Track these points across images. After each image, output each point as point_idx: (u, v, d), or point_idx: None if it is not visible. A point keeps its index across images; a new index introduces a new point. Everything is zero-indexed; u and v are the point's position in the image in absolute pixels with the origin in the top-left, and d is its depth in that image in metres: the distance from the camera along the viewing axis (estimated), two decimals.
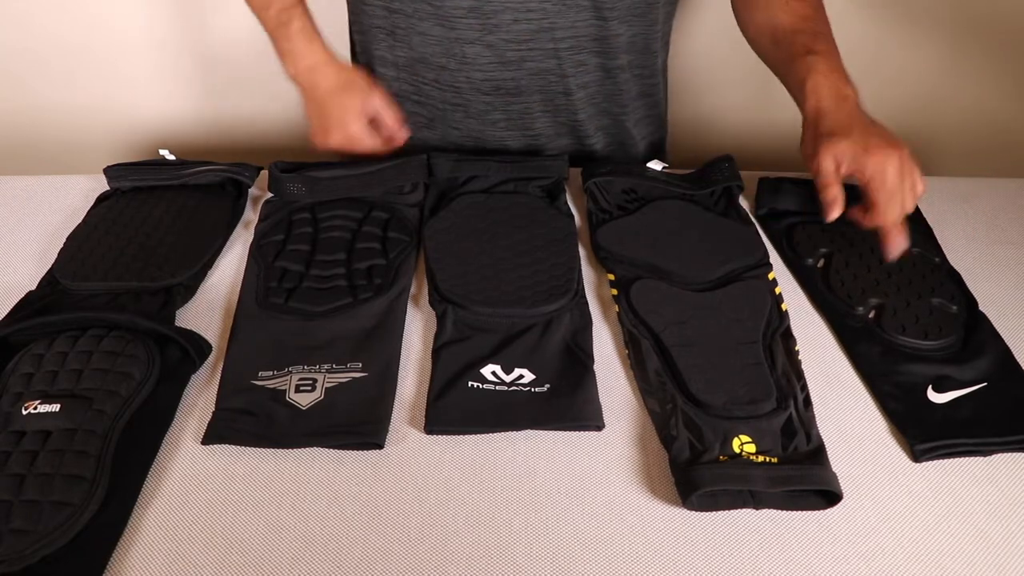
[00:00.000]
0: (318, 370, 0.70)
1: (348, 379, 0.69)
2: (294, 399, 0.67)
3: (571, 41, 0.92)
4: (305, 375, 0.69)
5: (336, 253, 0.82)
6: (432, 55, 0.93)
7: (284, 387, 0.68)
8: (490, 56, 0.92)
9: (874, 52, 1.44)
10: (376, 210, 0.87)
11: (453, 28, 0.90)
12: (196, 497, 0.61)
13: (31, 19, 1.42)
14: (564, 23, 0.90)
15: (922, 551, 0.59)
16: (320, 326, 0.74)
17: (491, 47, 0.91)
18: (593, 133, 1.02)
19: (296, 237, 0.84)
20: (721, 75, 1.46)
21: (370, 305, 0.76)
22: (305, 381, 0.68)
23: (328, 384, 0.68)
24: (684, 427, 0.65)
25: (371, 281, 0.79)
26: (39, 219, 0.92)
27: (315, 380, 0.69)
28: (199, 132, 1.57)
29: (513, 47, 0.91)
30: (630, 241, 0.85)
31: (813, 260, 0.86)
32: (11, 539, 0.54)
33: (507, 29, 0.90)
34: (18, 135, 1.57)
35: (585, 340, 0.74)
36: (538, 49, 0.92)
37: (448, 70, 0.94)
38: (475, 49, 0.91)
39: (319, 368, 0.70)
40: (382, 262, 0.81)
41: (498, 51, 0.92)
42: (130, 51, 1.47)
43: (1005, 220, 0.95)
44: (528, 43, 0.91)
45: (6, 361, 0.68)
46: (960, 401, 0.69)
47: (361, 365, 0.70)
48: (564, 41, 0.91)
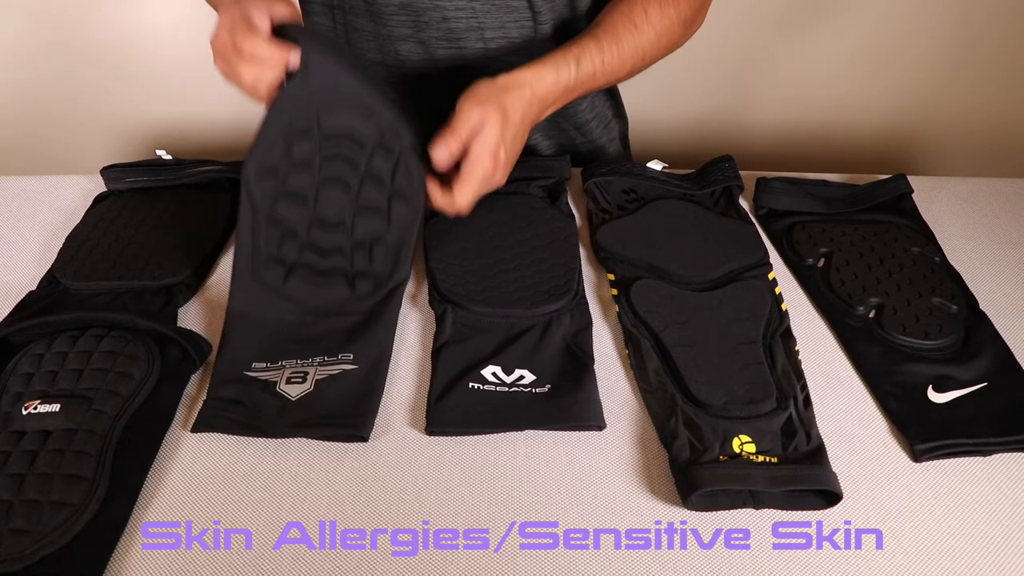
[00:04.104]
0: (310, 363, 0.70)
1: (338, 371, 0.69)
2: (284, 390, 0.68)
3: (501, 41, 0.92)
4: (297, 368, 0.70)
5: (339, 213, 0.76)
6: (368, 51, 0.94)
7: (276, 379, 0.69)
8: (421, 54, 0.93)
9: (875, 52, 1.44)
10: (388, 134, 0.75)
11: (385, 25, 0.91)
12: (196, 497, 0.61)
13: (31, 20, 1.42)
14: (493, 23, 0.91)
15: (922, 551, 0.59)
16: (316, 323, 0.74)
17: (422, 44, 0.92)
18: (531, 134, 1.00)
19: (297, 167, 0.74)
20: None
21: (366, 299, 0.76)
22: (297, 374, 0.69)
23: (319, 376, 0.69)
24: (684, 427, 0.65)
25: (371, 267, 0.76)
26: (39, 219, 0.92)
27: (306, 373, 0.69)
28: (199, 132, 1.57)
29: (444, 45, 0.92)
30: (630, 241, 0.85)
31: (813, 260, 0.86)
32: (11, 539, 0.54)
33: (436, 27, 0.90)
34: (18, 135, 1.58)
35: (585, 340, 0.74)
36: (468, 48, 0.92)
37: (385, 66, 0.95)
38: (407, 46, 0.92)
39: (311, 362, 0.70)
40: (383, 235, 0.77)
41: (429, 49, 0.92)
42: (130, 52, 1.47)
43: (1005, 220, 0.95)
44: (458, 42, 0.91)
45: (6, 361, 0.68)
46: (960, 401, 0.69)
47: (352, 357, 0.70)
48: (493, 41, 0.92)
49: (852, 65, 1.45)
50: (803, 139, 1.57)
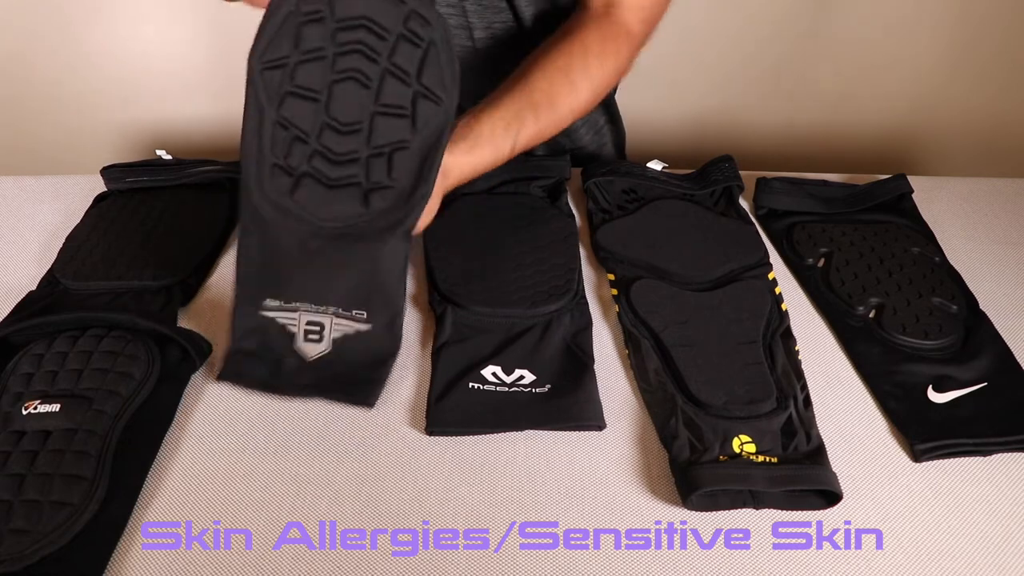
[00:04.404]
0: (325, 312, 0.71)
1: (353, 331, 0.71)
2: (301, 349, 0.70)
3: (488, 41, 0.92)
4: (313, 317, 0.71)
5: (354, 114, 0.65)
6: None
7: (294, 328, 0.70)
8: None
9: (874, 52, 1.44)
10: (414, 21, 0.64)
11: None
12: (196, 497, 0.61)
13: (31, 20, 1.42)
14: (480, 23, 0.91)
15: (922, 551, 0.59)
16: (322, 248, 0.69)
17: None
18: None
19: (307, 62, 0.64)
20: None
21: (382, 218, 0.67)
22: (313, 327, 0.71)
23: (335, 333, 0.70)
24: (684, 427, 0.65)
25: (390, 177, 0.66)
26: (39, 219, 0.92)
27: (322, 326, 0.70)
28: (199, 132, 1.57)
29: None
30: (630, 241, 0.85)
31: (813, 260, 0.86)
32: (11, 539, 0.54)
33: None
34: (18, 135, 1.58)
35: (585, 340, 0.74)
36: (458, 46, 0.92)
37: None
38: None
39: (326, 311, 0.71)
40: (407, 137, 0.66)
41: None
42: (130, 51, 1.47)
43: (1005, 220, 0.95)
44: None
45: (6, 361, 0.68)
46: (960, 401, 0.69)
47: (366, 316, 0.71)
48: (481, 40, 0.92)
49: (852, 65, 1.45)
50: (803, 139, 1.57)
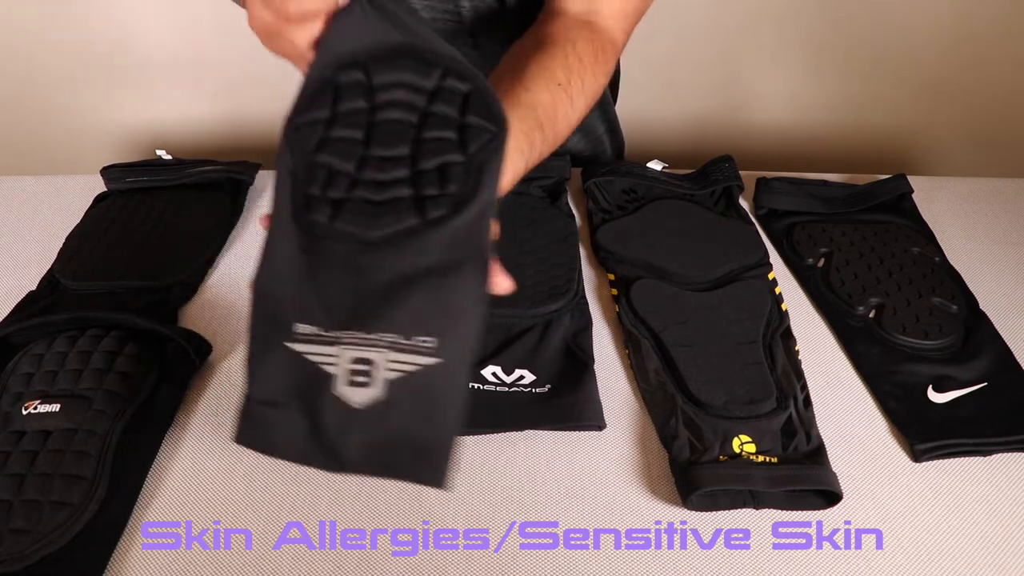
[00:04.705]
0: (375, 343, 0.50)
1: (415, 368, 0.50)
2: (343, 394, 0.50)
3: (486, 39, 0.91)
4: (360, 352, 0.50)
5: (397, 147, 0.56)
6: None
7: (332, 365, 0.50)
8: None
9: (874, 52, 1.44)
10: (451, 78, 0.57)
11: None
12: (196, 497, 0.61)
13: (31, 21, 1.42)
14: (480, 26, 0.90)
15: (922, 551, 0.59)
16: (377, 264, 0.53)
17: None
18: None
19: (345, 116, 0.57)
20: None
21: (444, 229, 0.53)
22: (360, 365, 0.50)
23: (388, 374, 0.50)
24: (684, 427, 0.65)
25: (444, 189, 0.54)
26: (39, 219, 0.92)
27: (371, 364, 0.50)
28: (199, 132, 1.57)
29: None
30: (630, 241, 0.85)
31: (813, 260, 0.86)
32: (11, 539, 0.54)
33: None
34: (18, 135, 1.58)
35: (585, 340, 0.74)
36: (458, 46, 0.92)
37: None
38: None
39: (378, 340, 0.50)
40: (458, 159, 0.55)
41: None
42: (129, 52, 1.47)
43: (1005, 220, 0.95)
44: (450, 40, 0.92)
45: (6, 361, 0.68)
46: (960, 401, 0.69)
47: (434, 343, 0.50)
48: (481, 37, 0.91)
49: (852, 65, 1.45)
50: (803, 139, 1.57)
